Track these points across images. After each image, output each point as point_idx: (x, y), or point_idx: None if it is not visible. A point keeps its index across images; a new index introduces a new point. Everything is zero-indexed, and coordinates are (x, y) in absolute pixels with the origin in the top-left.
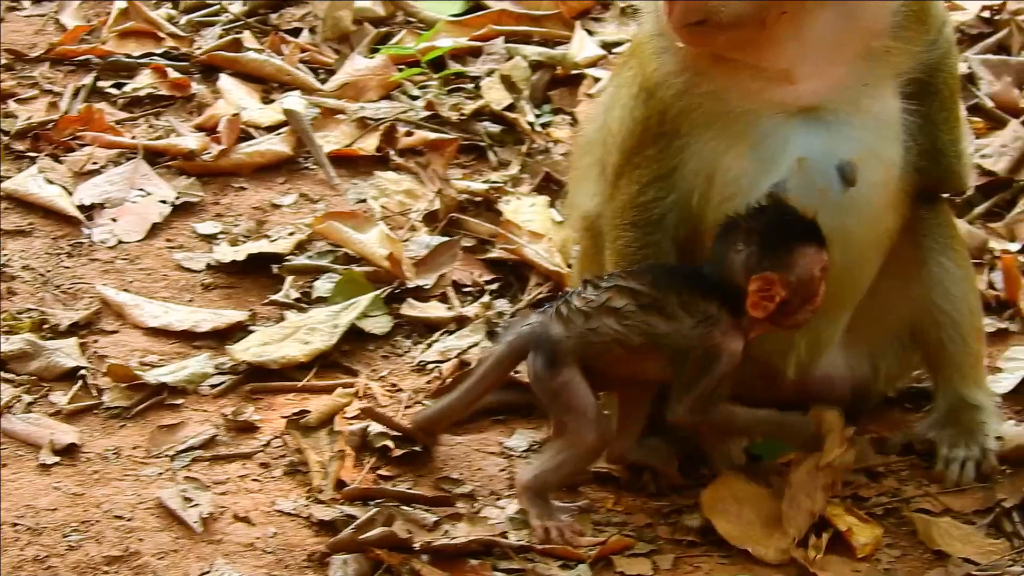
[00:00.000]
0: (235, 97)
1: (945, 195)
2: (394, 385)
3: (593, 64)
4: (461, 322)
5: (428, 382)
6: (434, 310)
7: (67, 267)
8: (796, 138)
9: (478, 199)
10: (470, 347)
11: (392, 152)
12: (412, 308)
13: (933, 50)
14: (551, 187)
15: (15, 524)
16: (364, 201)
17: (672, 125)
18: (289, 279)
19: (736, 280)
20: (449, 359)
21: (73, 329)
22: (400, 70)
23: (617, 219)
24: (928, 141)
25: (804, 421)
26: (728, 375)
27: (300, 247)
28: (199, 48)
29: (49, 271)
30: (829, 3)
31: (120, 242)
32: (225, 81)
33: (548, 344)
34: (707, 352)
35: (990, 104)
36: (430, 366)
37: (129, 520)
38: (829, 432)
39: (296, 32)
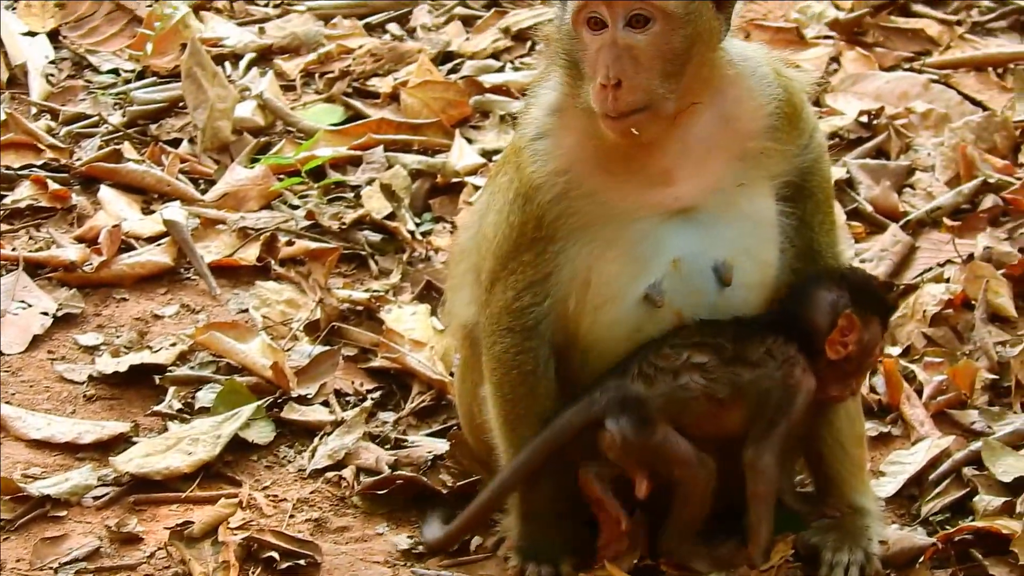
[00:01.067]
0: (115, 208)
1: None
2: (277, 495)
3: (473, 172)
4: (341, 426)
5: (312, 492)
6: (315, 414)
7: None
8: (671, 239)
9: (359, 308)
10: (353, 444)
11: (273, 262)
12: (294, 413)
13: (806, 154)
14: (432, 295)
15: None
16: (246, 311)
17: (549, 230)
18: (172, 390)
19: (818, 318)
20: (337, 460)
21: None
22: (280, 180)
23: (493, 325)
24: (805, 243)
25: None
26: (801, 416)
27: (182, 358)
28: (79, 159)
29: None
30: (709, 103)
31: (1, 354)
32: (105, 192)
33: (636, 405)
34: (787, 391)
35: (869, 208)
36: (328, 474)
37: None
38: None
39: (176, 142)
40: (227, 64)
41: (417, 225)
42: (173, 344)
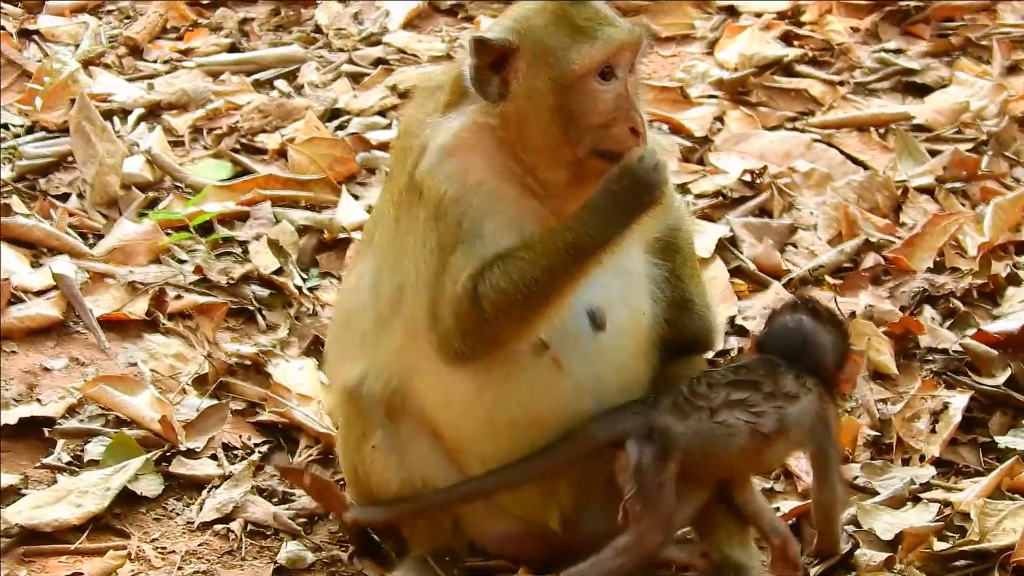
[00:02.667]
0: (4, 262)
1: (698, 352)
2: (165, 548)
3: (359, 228)
4: (229, 480)
5: (200, 545)
6: (204, 467)
7: None
8: None
9: (247, 362)
10: (241, 497)
11: (162, 316)
12: (182, 467)
13: (672, 214)
14: (319, 350)
15: None
16: (135, 364)
17: (467, 226)
18: (61, 442)
19: (826, 358)
20: (225, 513)
21: None
22: (168, 234)
23: (485, 306)
24: (677, 294)
25: None
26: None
27: (71, 410)
28: None
29: None
30: None
31: None
32: None
33: (662, 436)
34: (824, 420)
35: (752, 267)
36: (216, 526)
37: None
38: None
39: (65, 197)
40: (116, 119)
41: (304, 280)
42: (62, 397)
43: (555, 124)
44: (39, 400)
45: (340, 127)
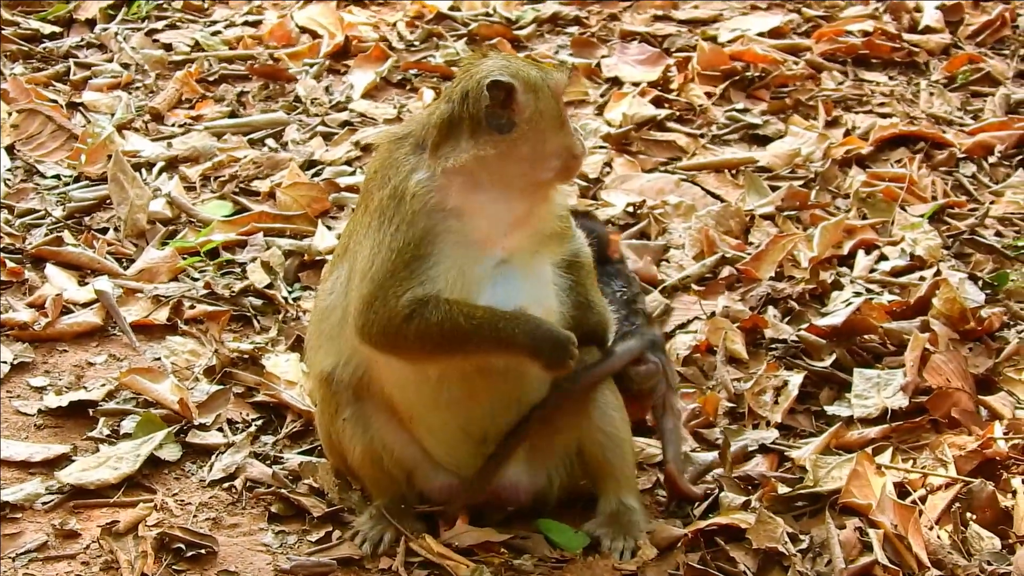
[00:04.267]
0: (58, 281)
1: (596, 344)
2: (183, 500)
3: (332, 251)
4: (232, 447)
5: (210, 498)
6: (213, 438)
7: None
8: (490, 286)
9: (246, 356)
10: (242, 460)
11: (179, 321)
12: (196, 438)
13: (574, 243)
14: (302, 346)
15: None
16: (159, 359)
17: (426, 248)
18: (102, 420)
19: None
20: (230, 473)
21: None
22: (184, 259)
23: (394, 323)
24: (580, 298)
25: None
26: None
27: (110, 395)
28: (30, 244)
29: None
30: None
31: None
32: (50, 269)
33: (660, 343)
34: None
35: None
36: (223, 484)
37: None
38: None
39: (104, 231)
40: (143, 170)
41: (289, 292)
42: (103, 385)
43: (556, 133)
44: (85, 387)
45: (316, 174)
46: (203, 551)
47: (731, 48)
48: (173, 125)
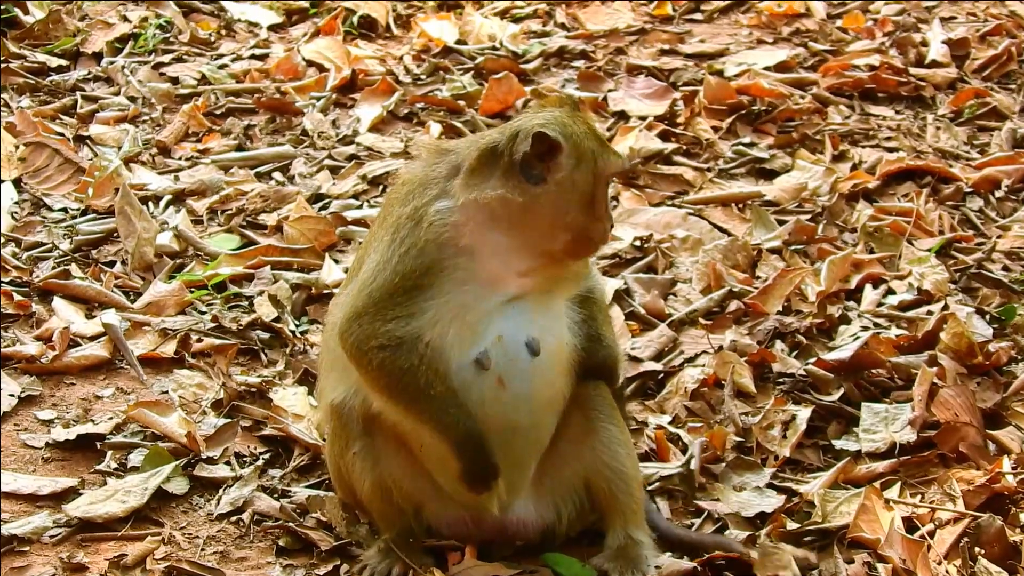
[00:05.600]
0: (65, 314)
1: (605, 377)
2: (191, 534)
3: (339, 284)
4: (240, 480)
5: (218, 531)
6: (220, 471)
7: None
8: (499, 320)
9: (253, 390)
10: (250, 494)
11: (187, 355)
12: (204, 471)
13: (589, 279)
14: (309, 379)
15: None
16: (166, 392)
17: (428, 279)
18: (110, 453)
19: None
20: (237, 506)
21: None
22: (192, 292)
23: (365, 346)
24: (592, 331)
25: None
26: None
27: (117, 428)
28: (37, 277)
29: None
30: None
31: None
32: (58, 302)
33: None
34: None
35: (643, 311)
36: (231, 517)
37: None
38: None
39: (112, 264)
40: (150, 203)
41: (297, 326)
42: (111, 418)
43: (578, 209)
44: (92, 421)
45: (323, 207)
46: None
47: (737, 82)
48: (180, 158)
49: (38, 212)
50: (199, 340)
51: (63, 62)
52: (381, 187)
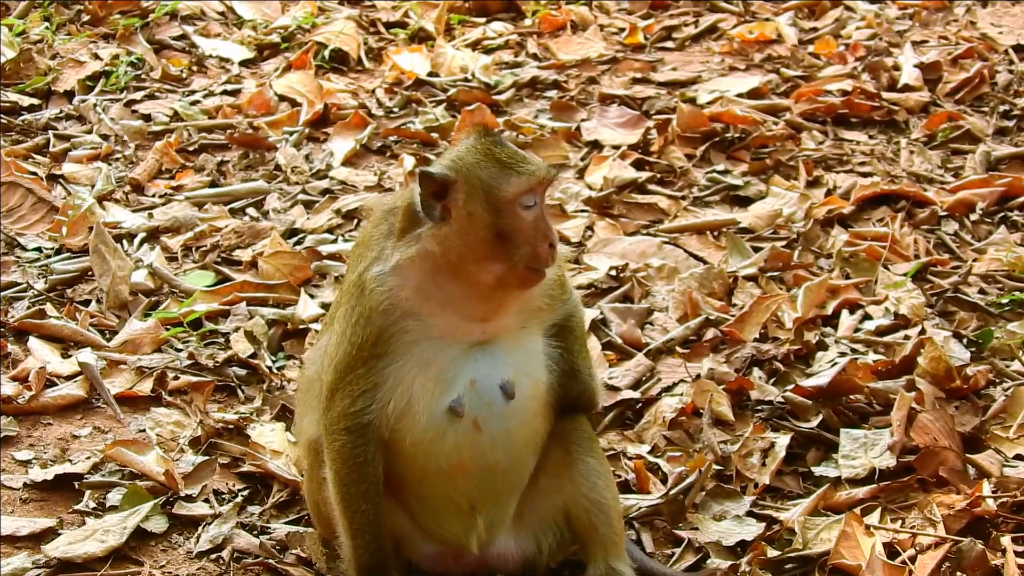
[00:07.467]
0: (41, 354)
1: (583, 410)
2: (171, 572)
3: (315, 320)
4: (219, 518)
5: (197, 569)
6: (199, 509)
7: None
8: (470, 364)
9: (231, 426)
10: (228, 531)
11: (164, 392)
12: (182, 509)
13: (567, 306)
14: (286, 415)
15: None
16: (144, 431)
17: (382, 347)
18: (88, 493)
19: None
20: (216, 544)
21: None
22: (167, 329)
23: (333, 426)
24: (568, 364)
25: None
26: None
27: (95, 467)
28: (12, 317)
29: None
30: None
31: None
32: (33, 342)
33: None
34: None
35: (619, 341)
36: (210, 555)
37: None
38: None
39: (87, 303)
40: (124, 242)
41: (273, 362)
42: (88, 457)
43: (487, 241)
44: (70, 460)
45: (298, 242)
46: None
47: (710, 109)
48: (154, 196)
49: (12, 252)
50: (176, 378)
51: (35, 101)
52: (355, 221)
